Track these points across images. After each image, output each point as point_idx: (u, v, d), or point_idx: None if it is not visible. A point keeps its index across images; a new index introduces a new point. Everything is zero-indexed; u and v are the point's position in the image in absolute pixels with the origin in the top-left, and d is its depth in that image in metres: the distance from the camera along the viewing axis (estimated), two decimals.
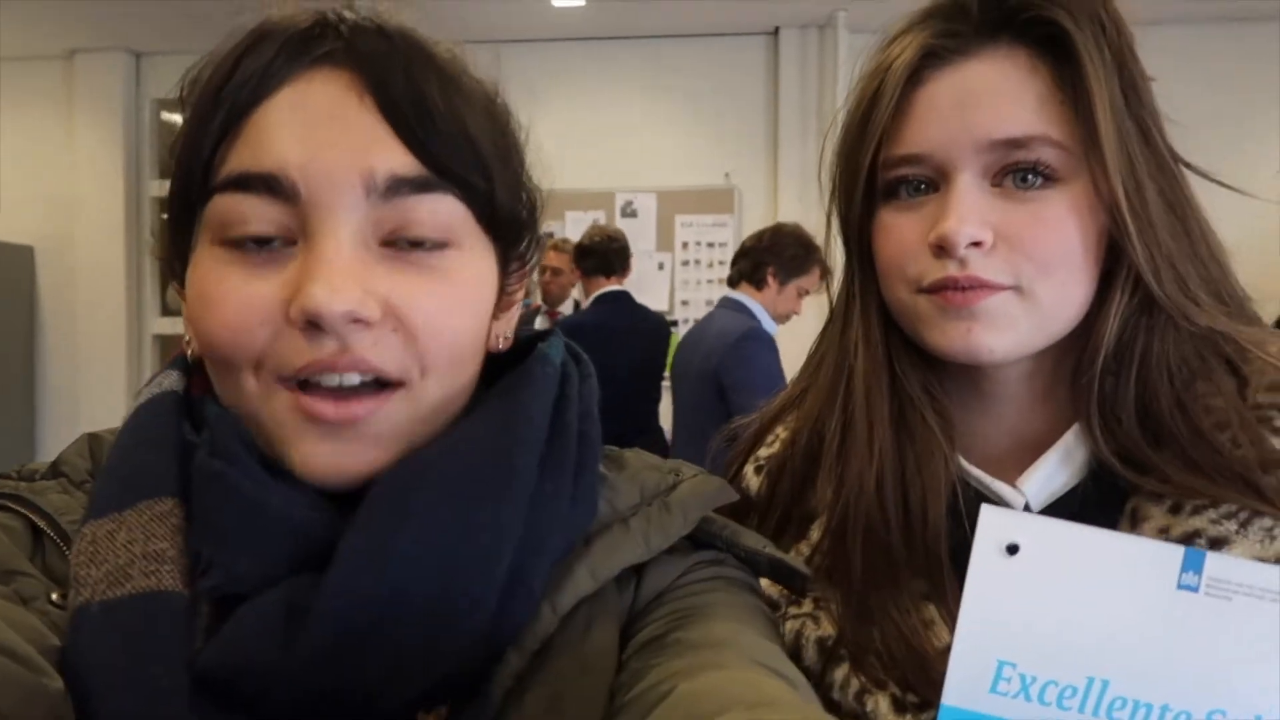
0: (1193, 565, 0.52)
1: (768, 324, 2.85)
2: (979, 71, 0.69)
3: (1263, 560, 0.61)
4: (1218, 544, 0.63)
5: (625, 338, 3.30)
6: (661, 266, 5.22)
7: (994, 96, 0.68)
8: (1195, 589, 0.52)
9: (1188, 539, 0.64)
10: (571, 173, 4.95)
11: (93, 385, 5.37)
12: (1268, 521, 0.63)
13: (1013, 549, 0.54)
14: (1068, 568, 0.54)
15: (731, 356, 2.69)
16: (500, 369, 0.59)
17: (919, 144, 0.69)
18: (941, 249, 0.68)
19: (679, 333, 4.98)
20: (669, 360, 3.30)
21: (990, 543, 0.55)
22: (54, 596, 0.51)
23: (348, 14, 0.55)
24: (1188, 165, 0.72)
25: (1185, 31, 4.63)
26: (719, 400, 2.65)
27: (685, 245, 5.22)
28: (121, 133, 5.31)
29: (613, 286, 3.44)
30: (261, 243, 0.51)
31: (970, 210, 0.67)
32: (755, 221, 4.72)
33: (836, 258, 0.81)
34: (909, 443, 0.74)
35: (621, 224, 4.93)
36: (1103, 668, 0.53)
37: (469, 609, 0.49)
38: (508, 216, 0.58)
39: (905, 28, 0.73)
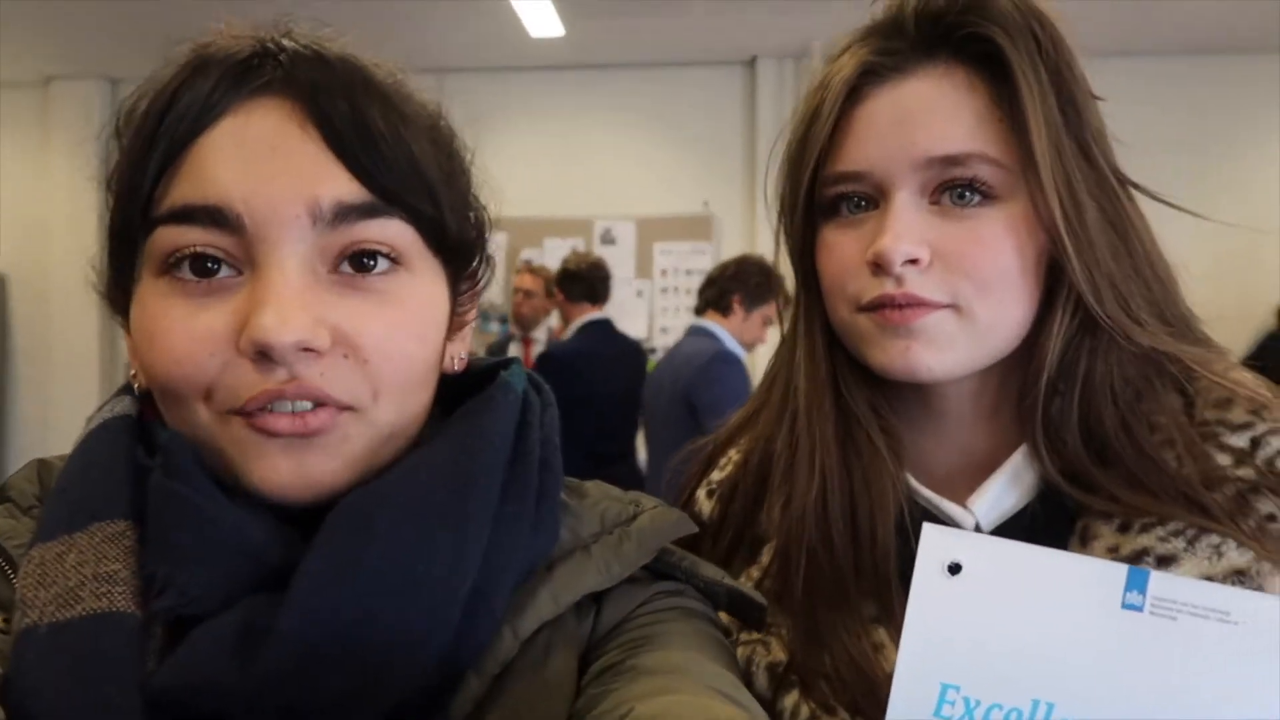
0: (1137, 584, 0.51)
1: (735, 348, 2.89)
2: (916, 89, 0.69)
3: (1211, 577, 0.61)
4: (1166, 561, 0.63)
5: (610, 365, 3.32)
6: (640, 294, 5.23)
7: (931, 114, 0.68)
8: (1140, 608, 0.51)
9: (1136, 557, 0.64)
10: (551, 200, 4.99)
11: (65, 414, 5.31)
12: (1215, 538, 0.63)
13: (955, 568, 0.53)
14: (1011, 587, 0.53)
15: (701, 379, 2.73)
16: (461, 395, 0.59)
17: (858, 161, 0.69)
18: (878, 266, 0.67)
19: (658, 359, 5.00)
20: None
21: (932, 562, 0.54)
22: None
23: (287, 42, 0.54)
24: (1135, 185, 0.72)
25: (1159, 62, 4.74)
26: (691, 423, 2.67)
27: (664, 272, 5.24)
28: (98, 159, 5.28)
29: (596, 314, 3.45)
30: (205, 274, 0.51)
31: (907, 227, 0.67)
32: (733, 248, 4.75)
33: (787, 275, 0.81)
34: (856, 461, 0.73)
35: (600, 251, 4.94)
36: (1048, 690, 0.52)
37: (431, 631, 0.49)
38: (456, 238, 0.58)
39: (846, 45, 0.72)
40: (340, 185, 0.51)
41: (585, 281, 3.43)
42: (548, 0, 4.29)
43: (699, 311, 3.03)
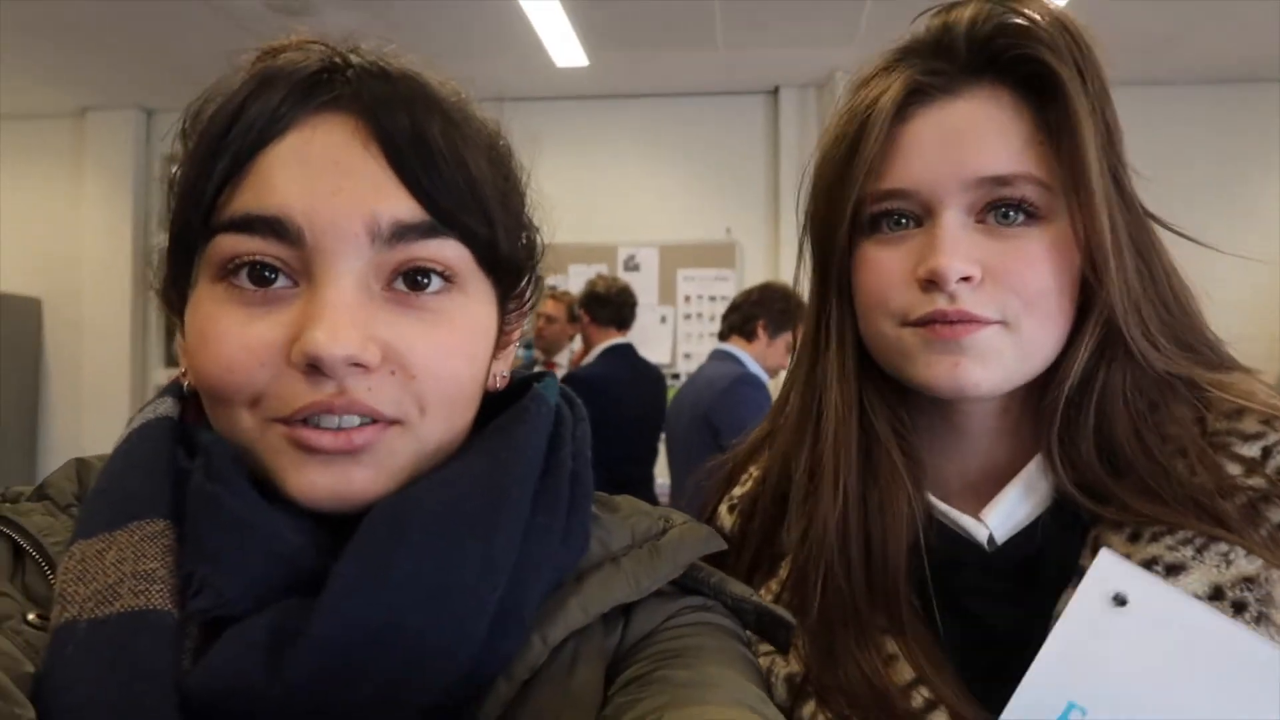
0: None
1: (758, 372, 2.88)
2: (965, 110, 0.70)
3: (1220, 585, 0.62)
4: (1175, 570, 0.63)
5: (633, 390, 3.32)
6: (664, 320, 5.24)
7: (981, 135, 0.69)
8: None
9: (1146, 566, 0.63)
10: (575, 227, 5.01)
11: (96, 437, 5.37)
12: (1224, 546, 0.63)
13: (1121, 600, 0.54)
14: (1174, 640, 0.53)
15: (724, 401, 2.71)
16: (495, 406, 0.59)
17: (905, 179, 0.70)
18: (931, 283, 0.68)
19: (681, 385, 4.98)
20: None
21: (1100, 587, 0.55)
22: (30, 616, 0.51)
23: (354, 57, 0.55)
24: (1149, 215, 0.73)
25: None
26: (712, 445, 2.65)
27: (687, 299, 5.25)
28: (131, 188, 5.38)
29: (620, 339, 3.44)
30: (262, 282, 0.52)
31: (957, 245, 0.68)
32: (756, 275, 4.75)
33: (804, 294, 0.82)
34: (873, 482, 0.74)
35: (624, 277, 4.95)
36: None
37: (460, 638, 0.49)
38: (508, 259, 0.58)
39: (886, 65, 0.73)
40: (399, 205, 0.52)
41: (613, 305, 3.42)
42: (572, 31, 4.35)
43: (723, 337, 3.03)
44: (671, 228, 5.25)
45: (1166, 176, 0.77)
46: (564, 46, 4.54)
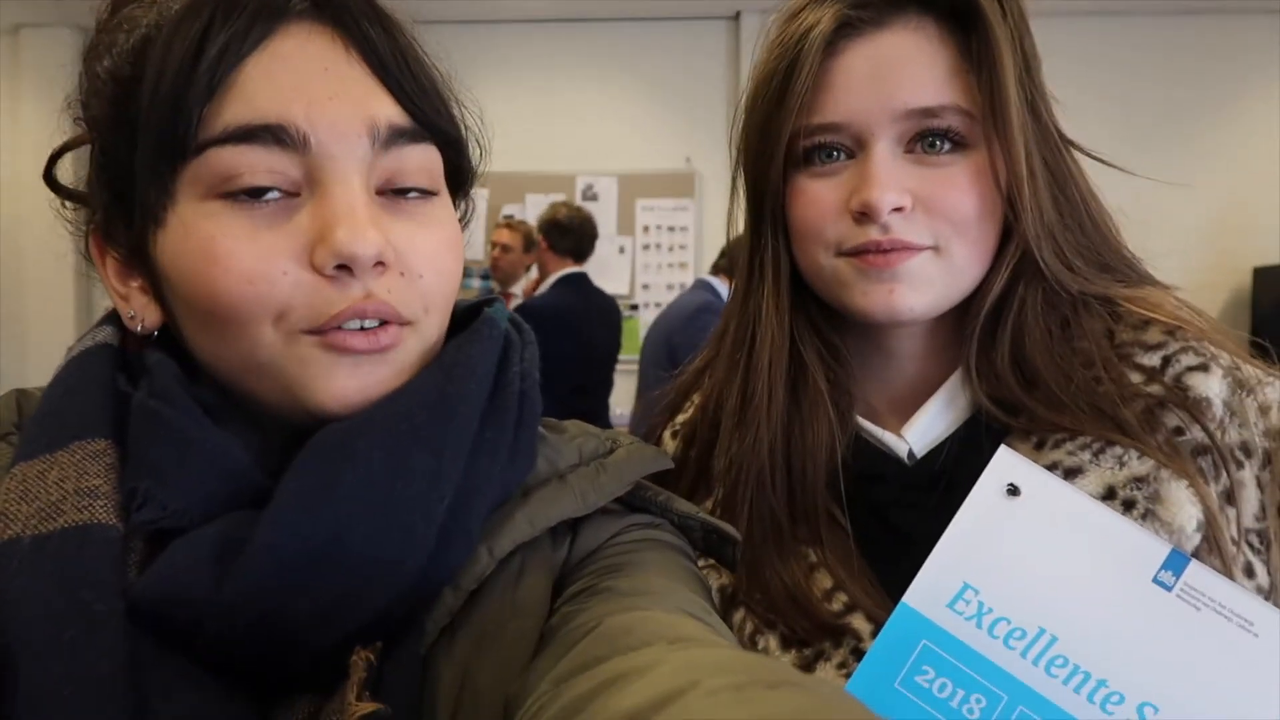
0: (1173, 566, 0.55)
1: None
2: (893, 42, 0.71)
3: (1113, 485, 0.66)
4: (1072, 473, 0.67)
5: (588, 320, 3.30)
6: (623, 250, 5.22)
7: (909, 66, 0.70)
8: (1169, 588, 0.54)
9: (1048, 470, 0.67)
10: (533, 155, 4.95)
11: (43, 368, 5.27)
12: (1119, 450, 0.67)
13: (1014, 490, 0.58)
14: (1059, 526, 0.57)
15: (685, 328, 2.77)
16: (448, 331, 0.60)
17: (837, 113, 0.71)
18: (864, 215, 0.70)
19: (639, 316, 4.99)
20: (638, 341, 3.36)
21: (996, 478, 0.59)
22: None
23: None
24: (1069, 142, 0.76)
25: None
26: (671, 369, 2.69)
27: (646, 229, 5.23)
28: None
29: (575, 269, 3.40)
30: (255, 194, 0.51)
31: (890, 177, 0.70)
32: (716, 206, 4.74)
33: (740, 227, 0.83)
34: (798, 409, 0.77)
35: (583, 207, 4.92)
36: (1057, 625, 0.55)
37: (406, 549, 0.50)
38: (468, 170, 0.61)
39: None
40: (390, 109, 0.54)
41: (574, 235, 3.37)
42: None
43: (713, 270, 3.10)
44: (631, 157, 5.20)
45: (1131, 107, 0.79)
46: None
